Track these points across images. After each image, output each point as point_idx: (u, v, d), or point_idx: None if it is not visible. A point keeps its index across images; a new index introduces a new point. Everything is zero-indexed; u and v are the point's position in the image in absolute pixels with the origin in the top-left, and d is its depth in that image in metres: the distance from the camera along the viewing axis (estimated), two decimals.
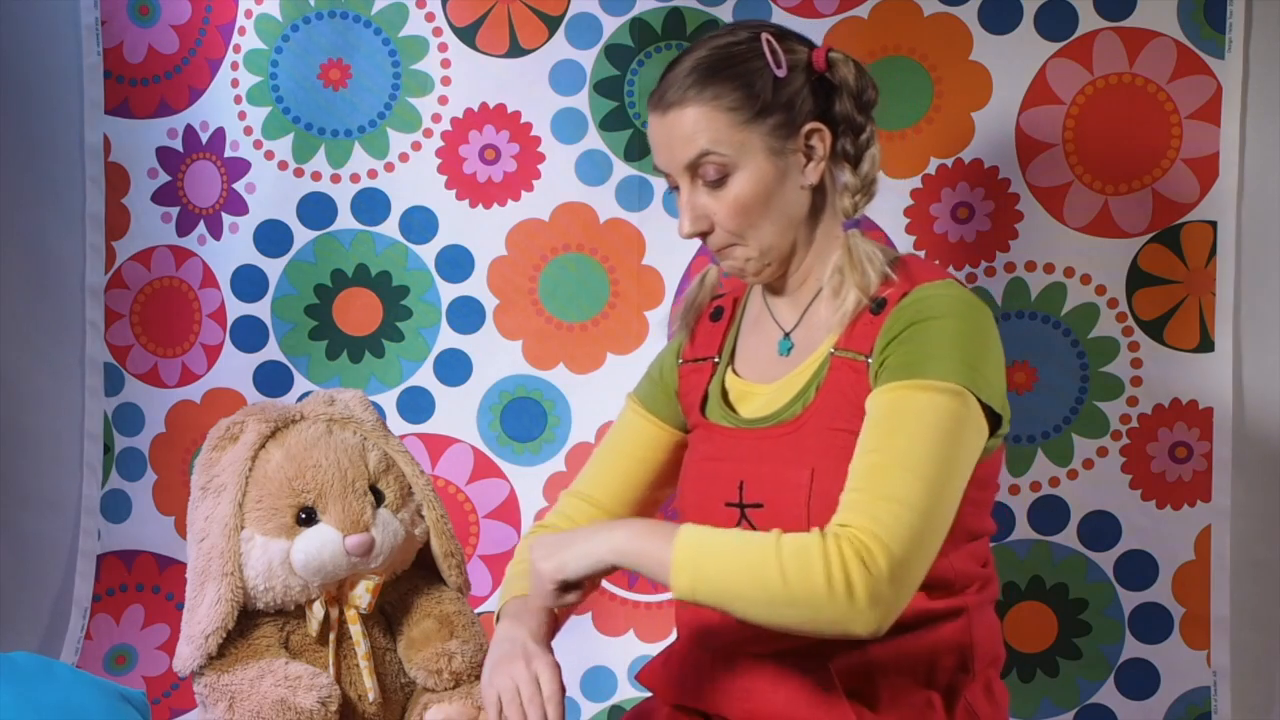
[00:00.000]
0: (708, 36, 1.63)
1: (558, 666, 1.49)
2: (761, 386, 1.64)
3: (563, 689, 1.48)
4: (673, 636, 1.78)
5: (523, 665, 1.49)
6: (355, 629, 1.71)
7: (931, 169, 2.20)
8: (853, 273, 1.57)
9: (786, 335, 1.65)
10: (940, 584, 1.54)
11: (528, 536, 1.75)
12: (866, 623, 1.41)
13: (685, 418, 1.73)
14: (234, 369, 2.35)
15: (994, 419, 1.52)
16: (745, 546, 1.44)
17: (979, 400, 1.49)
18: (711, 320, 1.75)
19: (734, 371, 1.69)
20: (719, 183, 1.57)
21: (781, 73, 1.57)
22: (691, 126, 1.56)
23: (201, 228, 2.36)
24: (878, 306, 1.56)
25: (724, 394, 1.68)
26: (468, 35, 2.28)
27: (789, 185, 1.59)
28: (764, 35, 1.58)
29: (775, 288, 1.67)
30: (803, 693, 1.55)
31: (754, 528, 1.57)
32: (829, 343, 1.58)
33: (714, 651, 1.62)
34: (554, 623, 1.57)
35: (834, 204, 1.64)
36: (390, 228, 2.32)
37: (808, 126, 1.59)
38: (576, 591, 1.52)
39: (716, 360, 1.71)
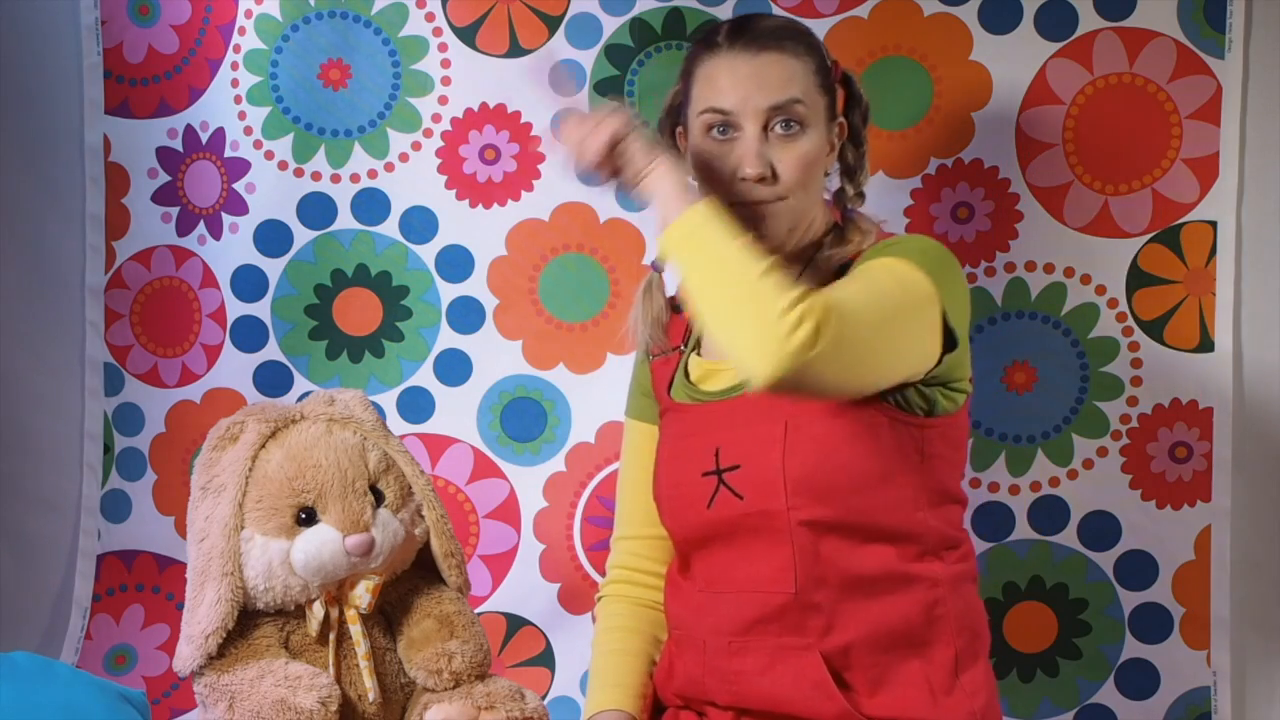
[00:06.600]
0: (774, 15, 1.83)
1: None
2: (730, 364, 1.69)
3: None
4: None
5: None
6: (355, 629, 1.71)
7: (931, 169, 2.20)
8: (854, 233, 1.68)
9: None
10: (909, 536, 1.60)
11: (600, 604, 1.86)
12: (780, 355, 1.40)
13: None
14: (234, 369, 2.35)
15: (949, 339, 1.57)
16: (744, 247, 1.48)
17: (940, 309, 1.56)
18: (675, 313, 1.81)
19: (699, 355, 1.76)
20: (793, 135, 1.64)
21: (830, 65, 1.71)
22: (788, 72, 1.65)
23: (201, 228, 2.36)
24: (843, 269, 1.64)
25: (687, 376, 1.75)
26: (468, 35, 2.28)
27: (825, 161, 1.71)
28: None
29: None
30: (788, 675, 1.59)
31: (731, 490, 1.61)
32: None
33: (701, 639, 1.66)
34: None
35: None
36: (390, 228, 2.32)
37: (840, 118, 1.73)
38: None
39: (682, 348, 1.77)
